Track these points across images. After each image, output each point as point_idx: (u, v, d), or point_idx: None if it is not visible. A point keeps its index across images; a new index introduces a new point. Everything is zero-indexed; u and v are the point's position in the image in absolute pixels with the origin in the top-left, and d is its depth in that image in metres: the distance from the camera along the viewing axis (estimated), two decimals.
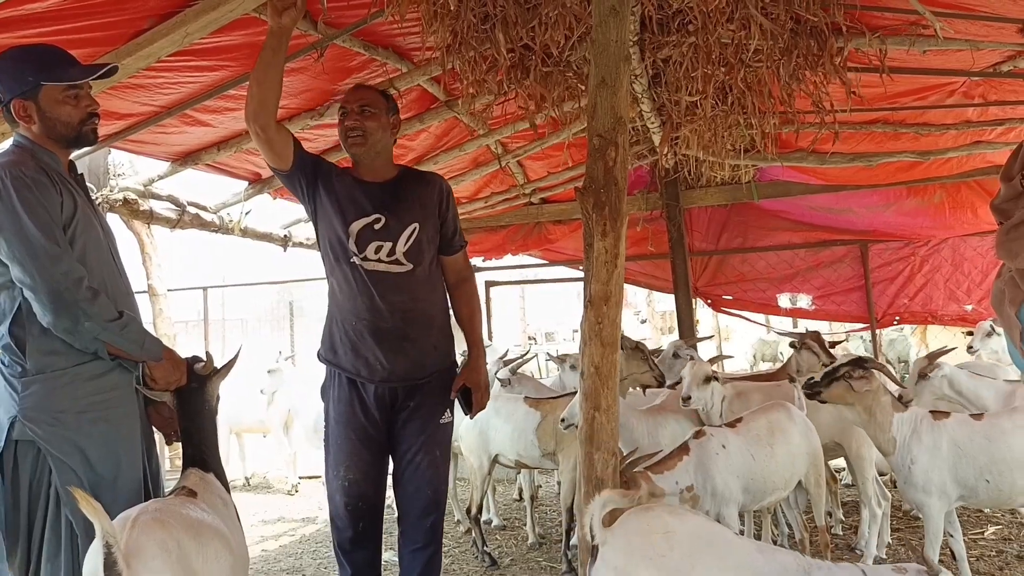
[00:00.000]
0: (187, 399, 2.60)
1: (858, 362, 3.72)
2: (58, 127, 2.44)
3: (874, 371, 3.69)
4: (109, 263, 2.52)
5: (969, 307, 7.43)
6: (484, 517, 6.08)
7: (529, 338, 17.73)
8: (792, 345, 5.30)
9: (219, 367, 2.68)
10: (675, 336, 7.63)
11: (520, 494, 6.87)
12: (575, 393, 4.03)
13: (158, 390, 2.55)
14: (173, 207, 5.02)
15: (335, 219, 3.11)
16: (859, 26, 3.80)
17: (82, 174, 2.63)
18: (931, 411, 3.80)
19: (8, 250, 2.27)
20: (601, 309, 2.99)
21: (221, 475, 2.59)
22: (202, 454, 2.56)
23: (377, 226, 3.10)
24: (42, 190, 2.29)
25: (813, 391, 3.74)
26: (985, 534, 5.04)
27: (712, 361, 5.38)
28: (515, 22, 3.55)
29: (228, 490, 2.59)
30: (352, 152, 3.18)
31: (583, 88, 4.14)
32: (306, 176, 3.14)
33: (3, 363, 2.38)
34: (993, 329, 6.69)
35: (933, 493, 3.62)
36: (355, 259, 3.08)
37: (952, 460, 3.62)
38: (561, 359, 6.04)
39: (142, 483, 2.48)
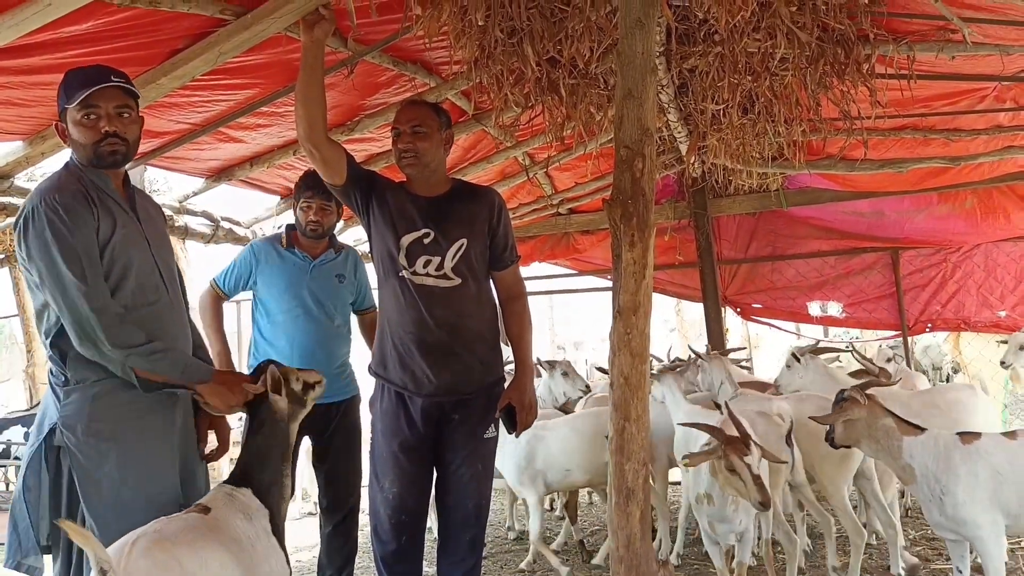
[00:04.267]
0: (252, 414, 2.59)
1: (838, 400, 3.62)
2: (77, 148, 2.45)
3: (855, 397, 3.55)
4: (153, 282, 2.52)
5: (1002, 313, 7.33)
6: (507, 524, 6.11)
7: (558, 348, 17.71)
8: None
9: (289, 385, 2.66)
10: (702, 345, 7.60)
11: (551, 504, 6.89)
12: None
13: (217, 412, 2.57)
14: (208, 222, 5.11)
15: (387, 233, 3.13)
16: (886, 33, 3.79)
17: (136, 188, 2.63)
18: (959, 433, 3.52)
19: (40, 278, 2.34)
20: (630, 320, 3.00)
21: (263, 490, 2.51)
22: (245, 469, 2.53)
23: (426, 240, 3.10)
24: (74, 217, 2.32)
25: (829, 441, 3.66)
26: (1022, 543, 4.95)
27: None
28: (542, 36, 3.57)
29: (267, 505, 2.51)
30: (406, 172, 3.20)
31: (610, 100, 4.16)
32: (360, 190, 3.16)
33: (51, 372, 2.46)
34: None
35: (984, 525, 3.31)
36: (404, 273, 3.09)
37: (993, 487, 3.32)
38: (550, 365, 6.00)
39: (178, 496, 2.49)
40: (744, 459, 3.30)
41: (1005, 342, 6.69)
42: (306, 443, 3.91)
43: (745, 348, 6.95)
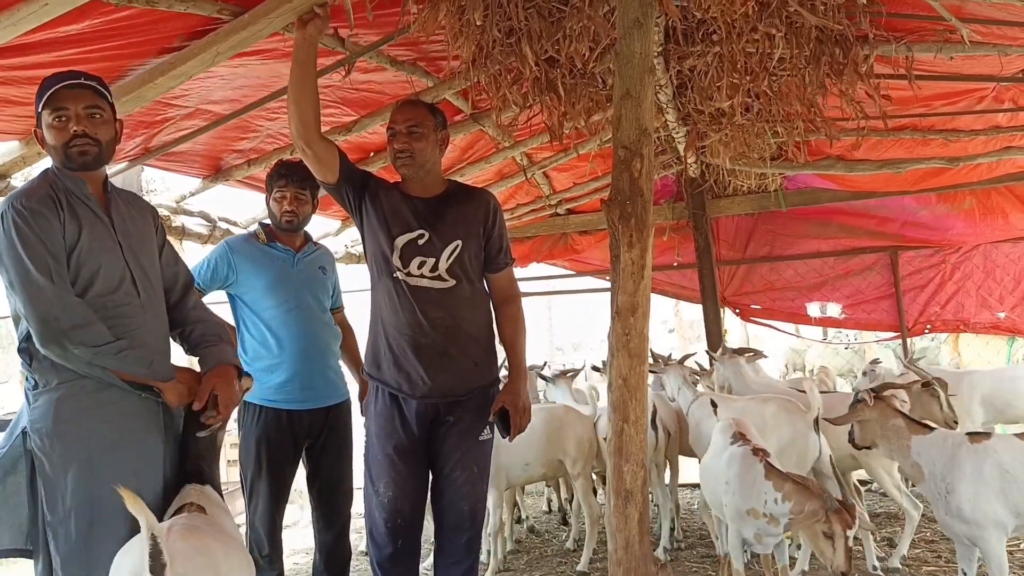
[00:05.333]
0: (196, 415, 2.56)
1: (854, 401, 3.76)
2: (51, 152, 2.46)
3: (864, 399, 3.69)
4: (122, 287, 2.50)
5: (1002, 314, 7.33)
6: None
7: (556, 349, 17.72)
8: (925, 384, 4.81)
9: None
10: (702, 346, 7.60)
11: (550, 505, 6.91)
12: None
13: (172, 406, 2.53)
14: (204, 223, 5.09)
15: (381, 233, 3.12)
16: (885, 33, 3.78)
17: (119, 191, 2.62)
18: (968, 433, 3.59)
19: (7, 281, 2.35)
20: (628, 320, 3.00)
21: (217, 487, 2.59)
22: (199, 468, 2.55)
23: (421, 241, 3.09)
24: (39, 220, 2.33)
25: (852, 441, 3.80)
26: (1023, 545, 4.94)
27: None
28: (540, 35, 3.57)
29: (222, 497, 2.60)
30: (401, 173, 3.18)
31: (608, 100, 4.16)
32: (353, 189, 3.15)
33: (25, 378, 2.47)
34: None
35: (987, 525, 3.33)
36: (398, 274, 3.08)
37: (999, 486, 3.33)
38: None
39: (157, 497, 2.45)
40: (847, 531, 3.16)
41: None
42: None
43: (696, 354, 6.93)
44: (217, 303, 3.74)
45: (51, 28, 2.54)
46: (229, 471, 8.15)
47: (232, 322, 3.74)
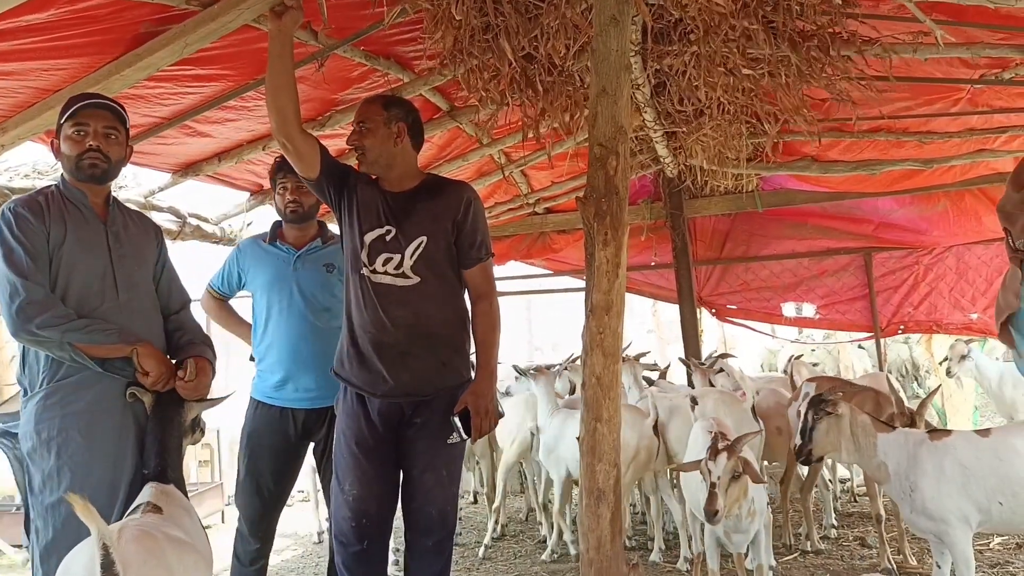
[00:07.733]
0: (163, 407, 2.62)
1: (816, 402, 3.69)
2: (64, 160, 2.68)
3: (836, 400, 3.66)
4: (100, 287, 2.64)
5: (974, 315, 7.40)
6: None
7: (536, 349, 17.73)
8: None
9: (206, 398, 2.75)
10: (680, 346, 7.62)
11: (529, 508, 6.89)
12: None
13: (150, 382, 2.59)
14: (174, 219, 5.01)
15: (354, 229, 3.08)
16: (859, 35, 3.78)
17: (123, 207, 2.86)
18: (928, 431, 3.67)
19: None
20: (603, 319, 2.98)
21: (181, 485, 2.61)
22: (164, 466, 2.55)
23: (388, 237, 3.04)
24: (22, 223, 2.55)
25: (804, 456, 3.70)
26: (991, 545, 4.99)
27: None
28: (517, 31, 3.54)
29: (187, 496, 2.63)
30: (362, 169, 3.15)
31: (586, 98, 4.13)
32: (334, 185, 3.10)
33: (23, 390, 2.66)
34: (968, 351, 6.82)
35: (952, 521, 3.41)
36: (365, 270, 3.03)
37: (960, 482, 3.42)
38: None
39: (122, 497, 2.55)
40: (707, 465, 3.43)
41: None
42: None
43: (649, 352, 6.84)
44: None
45: (13, 17, 2.51)
46: (199, 471, 8.12)
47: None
